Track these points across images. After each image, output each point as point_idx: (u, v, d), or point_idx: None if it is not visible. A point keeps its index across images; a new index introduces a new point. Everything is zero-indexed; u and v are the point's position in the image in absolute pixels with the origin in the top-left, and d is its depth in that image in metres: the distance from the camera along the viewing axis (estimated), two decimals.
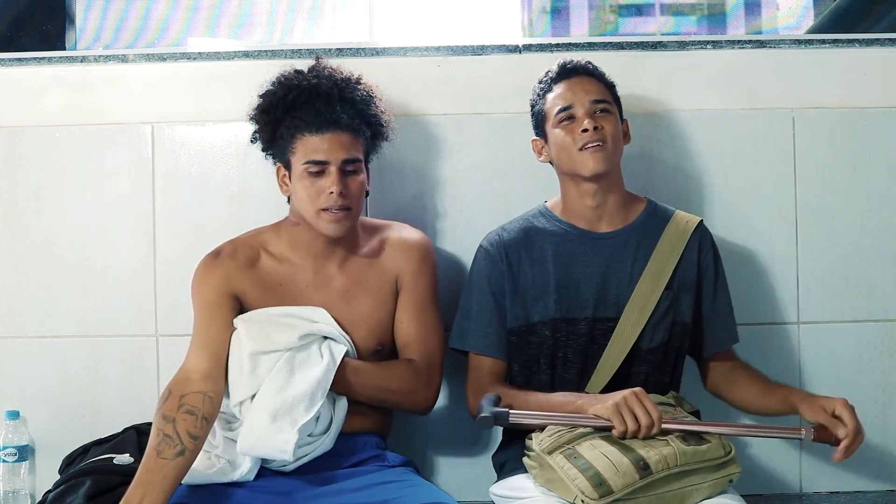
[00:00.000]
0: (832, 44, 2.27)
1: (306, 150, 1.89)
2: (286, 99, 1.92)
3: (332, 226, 1.89)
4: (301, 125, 1.89)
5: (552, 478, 1.73)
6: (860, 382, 2.22)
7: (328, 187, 1.87)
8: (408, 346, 1.99)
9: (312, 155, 1.88)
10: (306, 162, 1.88)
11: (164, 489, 1.72)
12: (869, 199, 2.23)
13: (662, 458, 1.67)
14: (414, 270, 2.00)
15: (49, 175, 2.26)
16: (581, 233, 1.98)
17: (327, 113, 1.89)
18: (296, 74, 1.96)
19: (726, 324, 2.01)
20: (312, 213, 1.89)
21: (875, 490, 2.21)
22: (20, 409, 2.19)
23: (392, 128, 2.04)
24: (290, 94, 1.93)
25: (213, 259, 1.96)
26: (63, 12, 2.92)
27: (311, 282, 1.96)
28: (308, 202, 1.89)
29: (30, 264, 2.25)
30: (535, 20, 4.28)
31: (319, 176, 1.88)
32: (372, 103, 1.98)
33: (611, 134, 1.92)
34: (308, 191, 1.88)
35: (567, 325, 1.93)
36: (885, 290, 2.22)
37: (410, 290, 2.00)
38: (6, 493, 2.14)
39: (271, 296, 1.94)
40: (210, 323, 1.91)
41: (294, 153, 1.90)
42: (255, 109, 1.98)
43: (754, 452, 2.20)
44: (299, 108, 1.91)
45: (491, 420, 1.76)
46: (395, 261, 2.00)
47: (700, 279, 1.97)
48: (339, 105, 1.92)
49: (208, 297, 1.92)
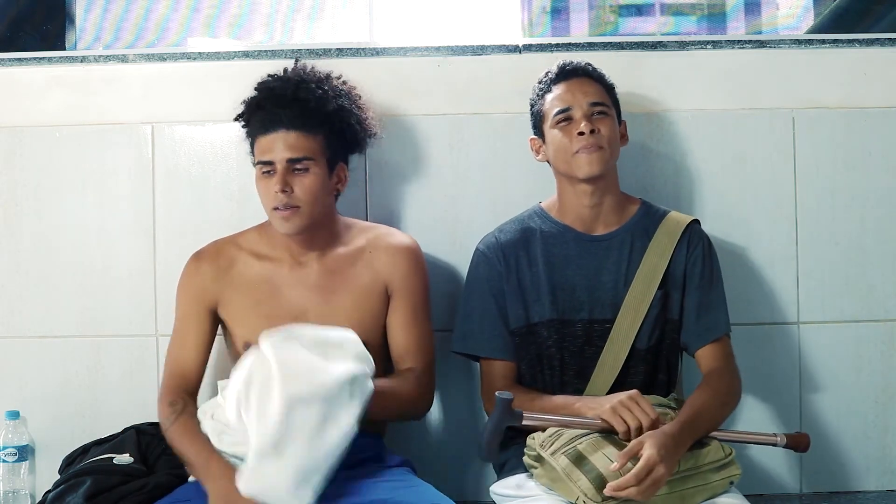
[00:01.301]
0: (832, 44, 2.27)
1: (259, 150, 1.95)
2: (251, 103, 1.99)
3: (284, 224, 1.93)
4: (254, 127, 1.96)
5: (554, 477, 1.73)
6: (860, 382, 2.22)
7: (273, 187, 1.91)
8: (407, 354, 1.99)
9: (260, 155, 1.94)
10: (257, 163, 1.94)
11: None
12: (869, 199, 2.23)
13: None
14: (405, 276, 2.01)
15: (49, 175, 2.26)
16: (576, 235, 1.98)
17: (273, 113, 1.93)
18: (267, 78, 2.02)
19: (712, 317, 1.95)
20: (268, 212, 1.95)
21: (875, 490, 2.21)
22: (20, 409, 2.19)
23: (370, 125, 2.05)
24: (255, 98, 1.99)
25: (195, 263, 2.02)
26: (63, 12, 2.92)
27: (288, 279, 1.99)
28: (263, 202, 1.95)
29: (30, 264, 2.25)
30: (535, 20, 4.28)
31: (270, 176, 1.92)
32: (333, 101, 1.97)
33: (608, 137, 1.93)
34: (261, 191, 1.95)
35: (563, 326, 1.94)
36: (885, 290, 2.22)
37: (403, 296, 2.00)
38: (6, 493, 2.14)
39: (249, 295, 1.98)
40: (187, 328, 2.00)
41: (253, 155, 1.97)
42: (243, 109, 2.02)
43: (754, 453, 2.20)
44: (256, 111, 1.97)
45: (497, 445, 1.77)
46: (382, 263, 2.00)
47: (686, 275, 1.97)
48: (292, 105, 1.93)
49: (186, 304, 2.01)
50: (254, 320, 1.95)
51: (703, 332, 1.94)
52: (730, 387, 1.90)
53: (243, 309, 1.98)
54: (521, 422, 1.76)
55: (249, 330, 1.94)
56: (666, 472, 1.63)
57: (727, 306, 1.98)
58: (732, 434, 1.84)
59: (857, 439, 2.21)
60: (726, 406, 1.87)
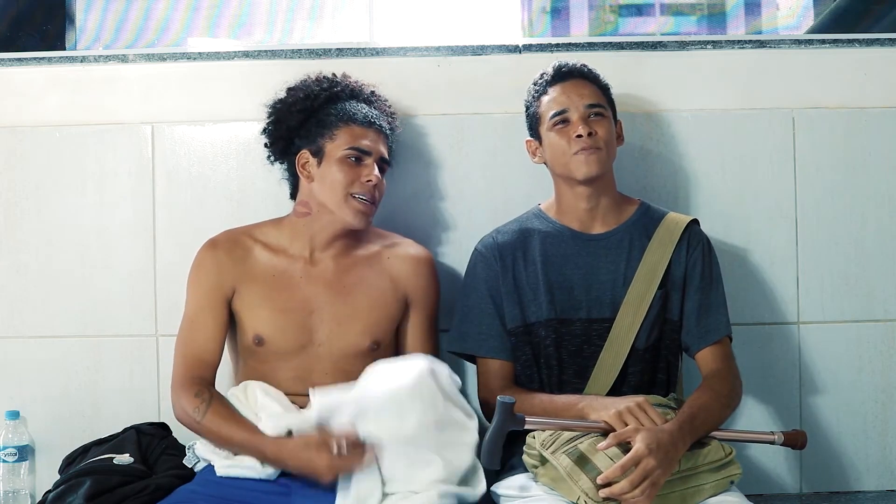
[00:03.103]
0: (832, 44, 2.27)
1: (352, 136, 1.96)
2: (331, 90, 2.02)
3: (359, 215, 1.95)
4: (349, 115, 1.98)
5: (555, 477, 1.73)
6: (860, 382, 2.22)
7: (366, 175, 1.94)
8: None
9: (358, 143, 1.95)
10: (350, 148, 1.95)
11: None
12: (869, 199, 2.23)
13: None
14: (425, 288, 2.04)
15: (49, 175, 2.26)
16: (574, 234, 1.98)
17: (372, 113, 2.00)
18: (331, 76, 2.06)
19: (713, 319, 1.95)
20: (341, 197, 1.94)
21: (875, 490, 2.21)
22: (20, 409, 2.19)
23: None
24: (333, 87, 2.02)
25: (210, 251, 2.00)
26: (63, 12, 2.92)
27: (304, 273, 1.98)
28: (341, 186, 1.94)
29: (30, 264, 2.25)
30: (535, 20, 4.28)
31: (359, 163, 1.95)
32: (395, 119, 2.10)
33: (604, 138, 1.93)
34: (346, 174, 1.94)
35: (561, 325, 1.94)
36: (885, 290, 2.22)
37: (423, 307, 2.04)
38: (6, 493, 2.14)
39: (264, 287, 1.97)
40: (204, 316, 1.96)
41: (334, 139, 1.96)
42: (290, 96, 2.03)
43: (754, 453, 2.20)
44: (344, 101, 2.01)
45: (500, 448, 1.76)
46: (401, 272, 2.02)
47: (686, 276, 1.97)
48: (377, 111, 2.03)
49: (201, 292, 1.98)
50: (266, 313, 1.95)
51: (703, 334, 1.94)
52: (731, 389, 1.89)
53: (257, 300, 1.96)
54: (524, 426, 1.76)
55: (261, 322, 1.95)
56: (657, 467, 1.62)
57: (727, 307, 1.98)
58: (730, 433, 1.84)
59: (857, 439, 2.21)
60: (727, 408, 1.86)
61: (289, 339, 1.94)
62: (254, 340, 1.95)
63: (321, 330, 1.96)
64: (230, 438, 1.83)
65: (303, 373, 1.94)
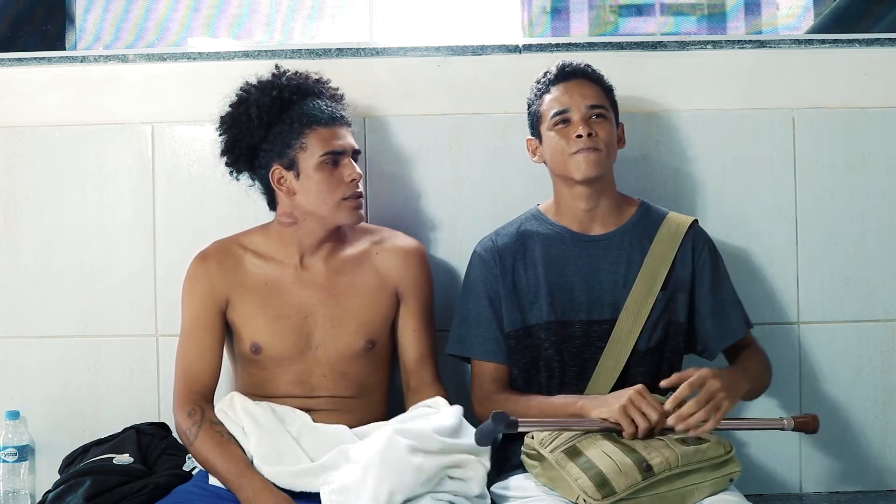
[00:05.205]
0: (832, 44, 2.27)
1: (322, 141, 1.91)
2: (279, 98, 1.94)
3: (356, 213, 1.94)
4: (310, 118, 1.92)
5: (554, 476, 1.73)
6: (860, 382, 2.22)
7: (348, 175, 1.92)
8: (422, 360, 2.01)
9: (331, 146, 1.91)
10: (325, 153, 1.91)
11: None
12: (869, 199, 2.23)
13: (664, 459, 1.67)
14: (415, 279, 2.02)
15: (49, 175, 2.26)
16: (573, 235, 1.98)
17: (329, 108, 1.94)
18: (271, 78, 1.99)
19: (731, 317, 1.98)
20: (332, 204, 1.92)
21: (875, 490, 2.21)
22: (20, 409, 2.19)
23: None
24: (280, 93, 1.95)
25: (201, 263, 1.98)
26: (63, 12, 2.92)
27: (296, 279, 1.98)
28: (327, 194, 1.91)
29: (30, 264, 2.25)
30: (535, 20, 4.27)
31: (336, 166, 1.92)
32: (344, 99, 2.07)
33: (605, 140, 1.92)
34: (328, 181, 1.91)
35: (562, 327, 1.94)
36: (885, 290, 2.22)
37: (415, 300, 2.02)
38: (6, 493, 2.14)
39: (257, 295, 1.96)
40: (199, 330, 1.95)
41: (305, 148, 1.92)
42: (238, 116, 1.97)
43: (754, 452, 2.20)
44: (298, 105, 1.93)
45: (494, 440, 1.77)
46: (390, 265, 2.01)
47: (694, 278, 1.97)
48: (330, 100, 1.98)
49: (195, 306, 1.96)
50: (262, 321, 1.95)
51: (723, 335, 1.97)
52: (766, 359, 1.99)
53: (251, 309, 1.96)
54: (517, 429, 1.75)
55: (258, 330, 1.94)
56: (721, 389, 1.71)
57: (741, 301, 2.01)
58: (738, 422, 1.83)
59: (857, 439, 2.21)
60: (766, 371, 1.97)
61: (286, 345, 1.94)
62: (251, 349, 1.94)
63: (317, 333, 1.95)
64: (214, 468, 1.82)
65: (302, 377, 1.94)
